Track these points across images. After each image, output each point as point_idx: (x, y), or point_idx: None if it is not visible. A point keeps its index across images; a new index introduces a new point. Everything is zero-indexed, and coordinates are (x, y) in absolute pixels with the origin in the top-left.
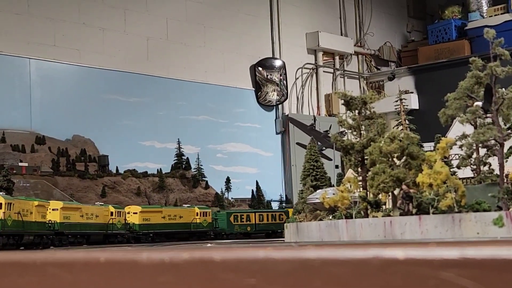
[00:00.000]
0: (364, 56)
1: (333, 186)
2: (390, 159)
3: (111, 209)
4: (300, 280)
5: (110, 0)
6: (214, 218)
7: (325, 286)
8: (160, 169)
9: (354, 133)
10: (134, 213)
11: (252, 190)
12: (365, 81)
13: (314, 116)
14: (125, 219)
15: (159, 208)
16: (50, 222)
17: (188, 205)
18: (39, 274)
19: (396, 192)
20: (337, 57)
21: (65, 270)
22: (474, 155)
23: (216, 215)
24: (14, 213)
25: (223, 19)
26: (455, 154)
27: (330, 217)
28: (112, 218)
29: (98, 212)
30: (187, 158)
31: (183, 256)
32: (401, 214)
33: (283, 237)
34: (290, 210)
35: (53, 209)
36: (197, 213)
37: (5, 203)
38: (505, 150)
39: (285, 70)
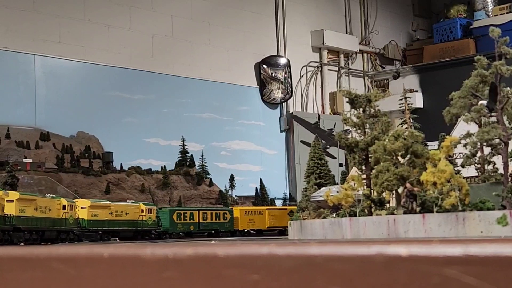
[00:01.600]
0: (369, 55)
1: (337, 184)
2: (394, 157)
3: (64, 202)
4: (303, 277)
5: None
6: (157, 215)
7: (328, 283)
8: (164, 166)
9: (359, 131)
10: (82, 207)
11: (256, 188)
12: (369, 80)
13: (318, 114)
14: (77, 214)
15: (107, 203)
16: (6, 215)
17: (133, 201)
18: (42, 269)
19: (400, 190)
20: (342, 55)
21: (69, 265)
22: (479, 154)
23: (158, 213)
24: None
25: (228, 17)
26: (460, 153)
27: (334, 215)
28: (65, 212)
29: (50, 205)
30: (191, 155)
31: (187, 252)
32: (405, 213)
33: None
34: (235, 209)
35: (7, 201)
36: (142, 209)
37: None
38: (509, 149)
39: (290, 68)
